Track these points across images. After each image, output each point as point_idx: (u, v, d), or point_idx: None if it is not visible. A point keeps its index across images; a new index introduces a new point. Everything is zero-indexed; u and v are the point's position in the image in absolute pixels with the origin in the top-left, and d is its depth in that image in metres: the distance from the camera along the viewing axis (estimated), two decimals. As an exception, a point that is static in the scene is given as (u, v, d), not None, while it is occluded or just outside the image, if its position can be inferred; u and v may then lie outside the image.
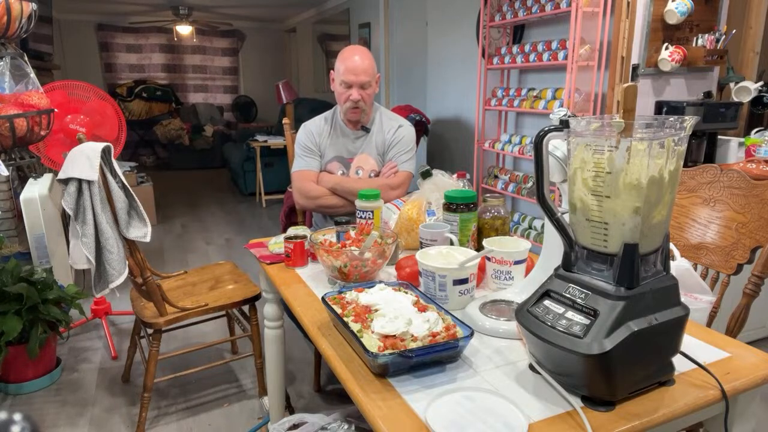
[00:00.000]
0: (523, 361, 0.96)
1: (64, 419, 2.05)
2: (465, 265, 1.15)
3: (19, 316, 2.05)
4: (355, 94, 1.92)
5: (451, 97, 4.35)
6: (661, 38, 2.66)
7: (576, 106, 2.78)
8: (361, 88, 1.92)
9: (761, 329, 2.53)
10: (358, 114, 1.98)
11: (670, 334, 0.85)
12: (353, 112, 1.97)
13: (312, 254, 1.48)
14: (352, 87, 1.92)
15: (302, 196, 2.00)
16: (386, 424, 0.79)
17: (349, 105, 1.95)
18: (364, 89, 1.93)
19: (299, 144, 2.05)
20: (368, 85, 1.94)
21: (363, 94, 1.93)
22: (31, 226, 2.68)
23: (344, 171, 2.03)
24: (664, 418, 0.81)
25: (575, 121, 0.84)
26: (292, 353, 2.49)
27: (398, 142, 2.03)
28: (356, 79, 1.91)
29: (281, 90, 5.71)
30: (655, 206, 0.80)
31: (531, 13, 2.98)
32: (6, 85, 1.75)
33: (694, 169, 1.48)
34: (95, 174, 1.60)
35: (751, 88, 2.69)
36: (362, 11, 5.86)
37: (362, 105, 1.95)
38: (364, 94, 1.94)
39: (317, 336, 1.08)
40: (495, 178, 3.58)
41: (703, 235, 1.44)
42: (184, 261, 3.91)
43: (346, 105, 1.96)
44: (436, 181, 1.61)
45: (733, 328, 1.28)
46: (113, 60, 8.21)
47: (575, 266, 0.88)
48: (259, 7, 7.39)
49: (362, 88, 1.93)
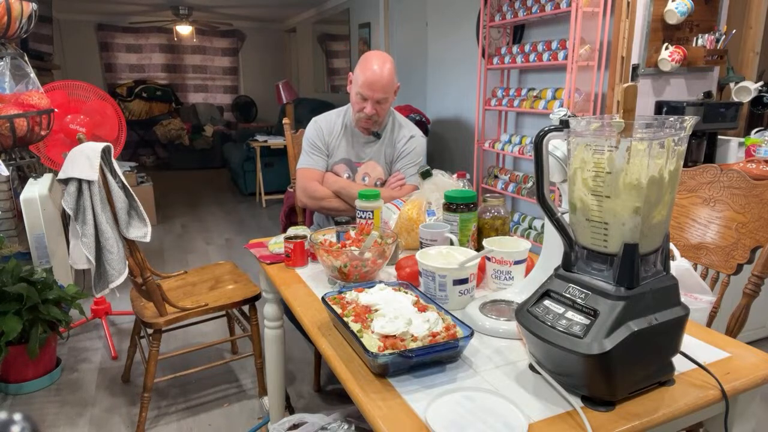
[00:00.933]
0: (523, 361, 0.96)
1: (64, 419, 2.05)
2: (465, 265, 1.15)
3: (19, 316, 2.05)
4: (369, 109, 1.89)
5: (451, 97, 4.35)
6: (661, 38, 2.66)
7: (576, 106, 2.78)
8: (377, 103, 1.89)
9: (761, 329, 2.53)
10: (370, 125, 1.95)
11: (670, 334, 0.85)
12: (365, 123, 1.95)
13: (312, 254, 1.48)
14: (368, 100, 1.88)
15: (306, 195, 1.99)
16: (386, 424, 0.79)
17: (362, 116, 1.92)
18: (380, 104, 1.90)
19: (308, 140, 2.02)
20: (384, 101, 1.90)
21: (378, 108, 1.90)
22: (31, 226, 2.68)
23: (351, 174, 2.01)
24: (664, 418, 0.81)
25: (575, 121, 0.84)
26: (292, 353, 2.49)
27: (408, 154, 2.01)
28: (372, 95, 1.87)
29: (281, 90, 5.71)
30: (655, 206, 0.80)
31: (531, 13, 2.98)
32: (6, 85, 1.75)
33: (694, 169, 1.48)
34: (95, 174, 1.60)
35: (751, 88, 2.69)
36: (362, 11, 5.86)
37: (375, 118, 1.93)
38: (379, 109, 1.91)
39: (317, 336, 1.08)
40: (495, 178, 3.58)
41: (703, 235, 1.44)
42: (184, 261, 3.90)
43: (359, 115, 1.93)
44: (436, 181, 1.61)
45: (733, 328, 1.28)
46: (113, 60, 8.21)
47: (575, 266, 0.88)
48: (259, 7, 7.39)
49: (378, 103, 1.89)
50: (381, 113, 1.93)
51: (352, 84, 1.94)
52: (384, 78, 1.86)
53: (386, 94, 1.89)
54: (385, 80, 1.86)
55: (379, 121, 1.96)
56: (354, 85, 1.92)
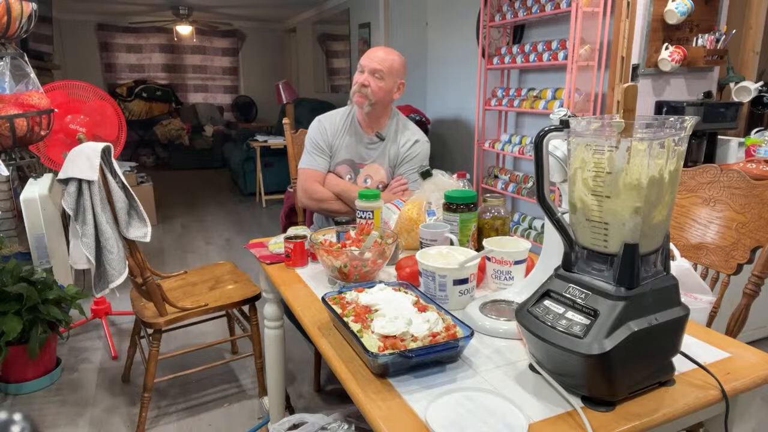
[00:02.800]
0: (523, 361, 0.96)
1: (64, 419, 2.05)
2: (465, 265, 1.15)
3: (19, 316, 2.05)
4: (362, 78, 1.90)
5: (451, 97, 4.35)
6: (661, 38, 2.66)
7: (576, 106, 2.78)
8: (373, 75, 1.89)
9: (761, 329, 2.53)
10: (362, 100, 1.92)
11: (670, 334, 0.85)
12: (358, 96, 1.92)
13: (312, 254, 1.48)
14: (364, 72, 1.91)
15: (307, 196, 1.99)
16: (386, 424, 0.79)
17: (355, 88, 1.92)
18: (375, 79, 1.89)
19: (310, 139, 2.01)
20: (380, 76, 1.90)
21: (372, 81, 1.89)
22: (31, 226, 2.68)
23: (352, 176, 2.01)
24: (665, 419, 0.81)
25: (575, 121, 0.84)
26: (292, 353, 2.49)
27: (412, 159, 2.00)
28: (368, 64, 1.90)
29: (281, 90, 5.71)
30: (656, 206, 0.80)
31: (531, 13, 2.98)
32: (6, 85, 1.75)
33: (694, 169, 1.48)
34: (95, 174, 1.60)
35: (751, 88, 2.69)
36: (362, 11, 5.86)
37: (368, 93, 1.90)
38: (374, 84, 1.89)
39: (317, 336, 1.08)
40: (495, 178, 3.58)
41: (703, 235, 1.44)
42: (184, 261, 3.90)
43: (354, 87, 1.94)
44: (436, 181, 1.61)
45: (733, 328, 1.28)
46: (113, 60, 8.22)
47: (575, 266, 0.88)
48: (259, 7, 7.39)
49: (373, 76, 1.89)
50: (375, 90, 1.90)
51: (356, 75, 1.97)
52: (382, 51, 1.92)
53: (383, 68, 1.90)
54: (385, 54, 1.92)
55: (372, 101, 1.92)
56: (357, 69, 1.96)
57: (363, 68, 1.92)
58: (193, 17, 7.67)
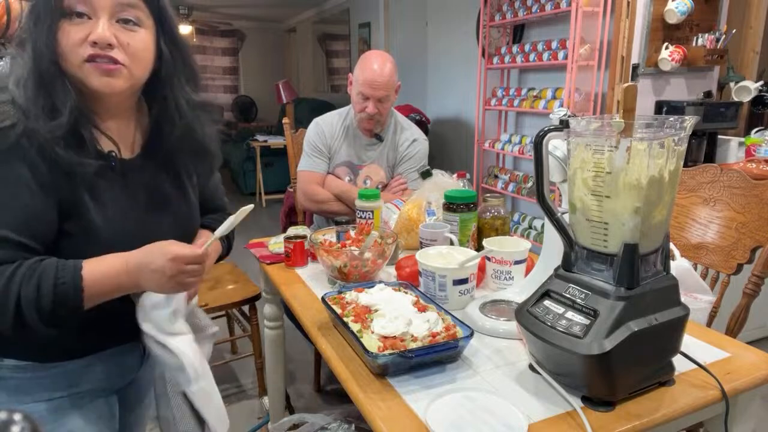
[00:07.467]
0: (523, 361, 0.96)
1: (64, 419, 2.05)
2: (465, 265, 1.15)
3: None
4: (371, 108, 1.87)
5: (451, 96, 4.35)
6: (661, 38, 2.66)
7: (576, 106, 2.78)
8: (379, 101, 1.87)
9: (761, 329, 2.53)
10: (372, 125, 1.94)
11: (670, 334, 0.85)
12: (368, 123, 1.93)
13: (312, 254, 1.48)
14: (369, 99, 1.87)
15: (307, 198, 1.98)
16: (386, 425, 0.79)
17: (364, 116, 1.91)
18: (381, 102, 1.88)
19: (309, 142, 2.00)
20: (386, 99, 1.89)
21: (380, 107, 1.88)
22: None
23: (352, 177, 2.00)
24: (665, 418, 0.81)
25: (575, 121, 0.84)
26: (292, 353, 2.49)
27: (411, 158, 2.00)
28: (374, 93, 1.85)
29: (281, 90, 5.71)
30: (655, 206, 0.80)
31: (531, 13, 2.98)
32: (6, 85, 1.75)
33: (694, 169, 1.48)
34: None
35: (751, 88, 2.69)
36: (362, 11, 5.86)
37: (377, 117, 1.91)
38: (381, 108, 1.89)
39: (317, 336, 1.08)
40: (495, 178, 3.58)
41: (703, 235, 1.44)
42: (184, 261, 3.90)
43: (360, 115, 1.91)
44: (436, 181, 1.61)
45: (733, 328, 1.28)
46: (113, 60, 8.20)
47: (575, 266, 0.88)
48: (259, 7, 7.39)
49: (379, 102, 1.88)
50: (383, 112, 1.91)
51: (352, 85, 1.93)
52: (384, 75, 1.85)
53: (387, 91, 1.88)
54: (386, 78, 1.85)
55: (381, 121, 1.95)
56: (354, 85, 1.90)
57: (367, 96, 1.87)
58: (193, 17, 7.66)
